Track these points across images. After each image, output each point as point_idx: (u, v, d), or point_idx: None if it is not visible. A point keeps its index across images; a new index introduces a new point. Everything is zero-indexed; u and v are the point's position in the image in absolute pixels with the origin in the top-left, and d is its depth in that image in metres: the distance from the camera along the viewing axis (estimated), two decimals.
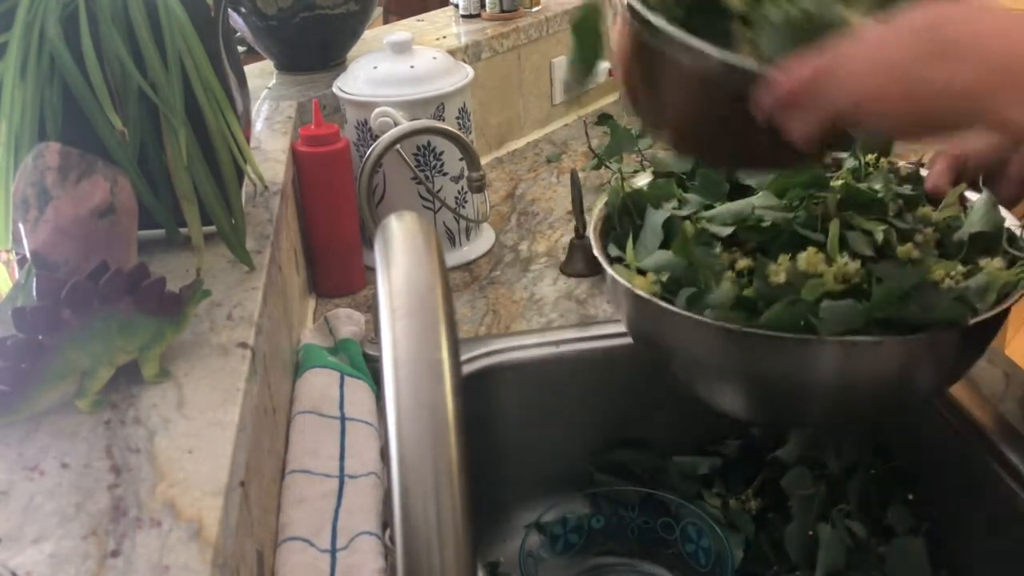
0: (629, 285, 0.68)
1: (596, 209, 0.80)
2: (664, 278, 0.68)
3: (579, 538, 0.90)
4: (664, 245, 0.73)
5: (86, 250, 0.61)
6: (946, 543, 0.81)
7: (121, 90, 0.69)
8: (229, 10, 0.93)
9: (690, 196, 0.79)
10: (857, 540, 0.80)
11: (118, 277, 0.57)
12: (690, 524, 0.87)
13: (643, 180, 0.83)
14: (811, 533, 0.81)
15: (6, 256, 0.71)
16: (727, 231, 0.71)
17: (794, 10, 0.55)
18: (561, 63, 1.52)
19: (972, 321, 0.60)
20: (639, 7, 0.58)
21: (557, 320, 0.98)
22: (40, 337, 0.55)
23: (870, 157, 0.79)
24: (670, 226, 0.74)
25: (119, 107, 0.68)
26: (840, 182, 0.74)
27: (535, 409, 0.96)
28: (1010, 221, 0.71)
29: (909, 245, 0.66)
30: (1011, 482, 0.74)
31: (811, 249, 0.64)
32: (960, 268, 0.65)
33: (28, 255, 0.61)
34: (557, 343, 0.94)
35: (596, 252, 0.75)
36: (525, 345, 0.94)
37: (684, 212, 0.76)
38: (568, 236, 1.10)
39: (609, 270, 0.71)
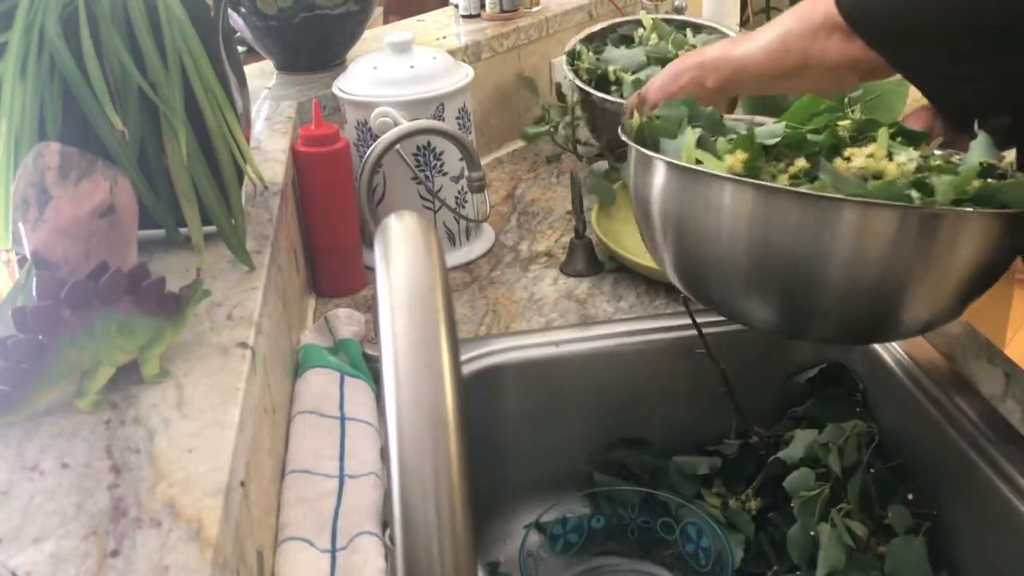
0: (709, 170, 0.67)
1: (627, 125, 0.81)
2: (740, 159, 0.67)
3: (579, 538, 0.90)
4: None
5: (86, 250, 0.61)
6: (946, 543, 0.81)
7: (121, 90, 0.69)
8: (229, 10, 0.93)
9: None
10: (857, 540, 0.80)
11: (118, 277, 0.57)
12: (690, 524, 0.87)
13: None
14: (812, 533, 0.81)
15: (6, 256, 0.71)
16: (773, 140, 0.70)
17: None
18: (560, 63, 1.52)
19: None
20: None
21: (557, 320, 0.98)
22: (40, 337, 0.55)
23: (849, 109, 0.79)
24: (709, 136, 0.73)
25: (119, 107, 0.68)
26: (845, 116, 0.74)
27: (535, 409, 0.96)
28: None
29: (941, 161, 0.68)
30: (1011, 482, 0.74)
31: (873, 145, 0.66)
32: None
33: (28, 255, 0.61)
34: (557, 343, 0.94)
35: (639, 151, 0.74)
36: (525, 345, 0.94)
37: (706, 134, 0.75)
38: (568, 236, 1.10)
39: (683, 161, 0.70)
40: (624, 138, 0.78)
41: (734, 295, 0.71)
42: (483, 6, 1.51)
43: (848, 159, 0.67)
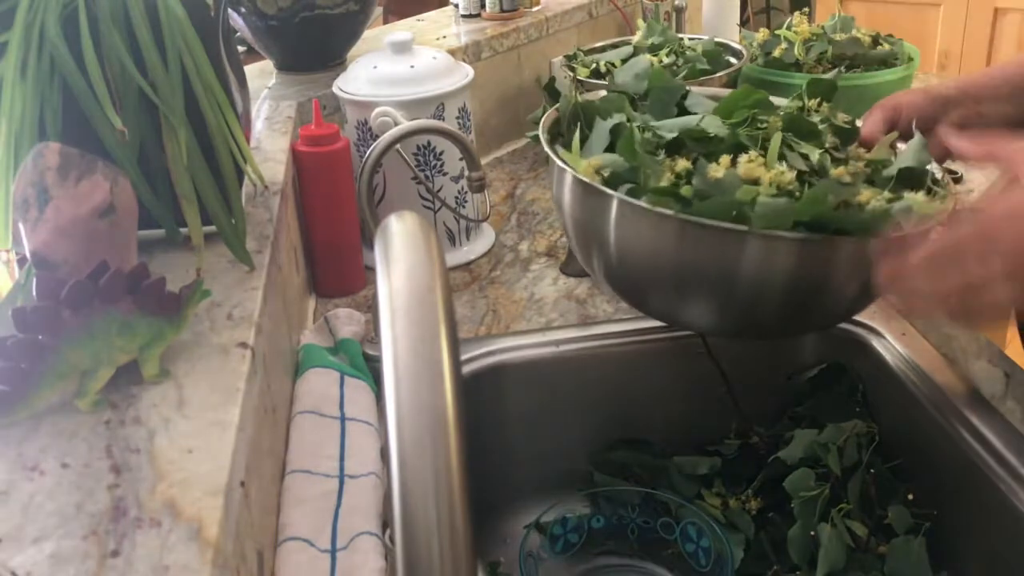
0: (571, 170, 0.71)
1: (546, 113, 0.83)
2: (606, 173, 0.71)
3: (579, 538, 0.90)
4: (610, 150, 0.75)
5: (86, 250, 0.61)
6: (946, 543, 0.81)
7: (121, 90, 0.69)
8: (229, 10, 0.93)
9: (639, 115, 0.82)
10: (857, 540, 0.80)
11: (118, 277, 0.57)
12: (690, 524, 0.87)
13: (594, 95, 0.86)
14: (812, 533, 0.81)
15: (6, 256, 0.71)
16: (672, 135, 0.74)
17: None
18: (560, 63, 1.52)
19: (893, 235, 0.64)
20: None
21: (557, 320, 0.98)
22: (40, 337, 0.55)
23: (812, 102, 0.84)
24: (617, 132, 0.76)
25: (119, 107, 0.68)
26: (784, 111, 0.79)
27: (535, 409, 0.96)
28: (935, 167, 0.76)
29: (842, 168, 0.71)
30: (1011, 482, 0.74)
31: (752, 153, 0.69)
32: (886, 194, 0.69)
33: (28, 255, 0.61)
34: (557, 343, 0.94)
35: (543, 141, 0.78)
36: (525, 345, 0.94)
37: (636, 120, 0.79)
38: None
39: (553, 156, 0.74)
40: (542, 126, 0.80)
41: (648, 300, 0.75)
42: (483, 6, 1.51)
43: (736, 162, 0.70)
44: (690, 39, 1.43)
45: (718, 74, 1.30)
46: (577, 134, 0.77)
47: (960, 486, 0.79)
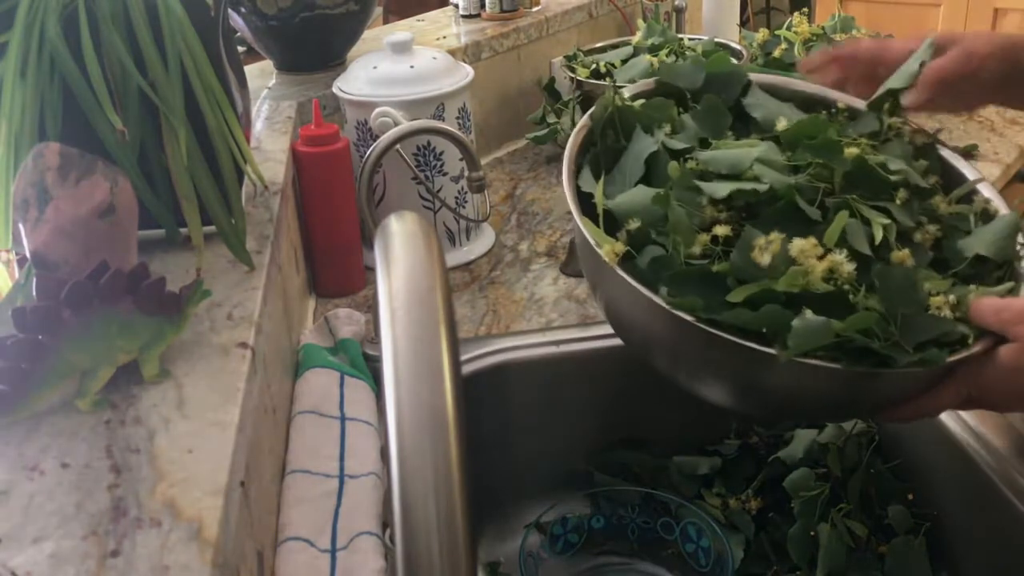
0: (594, 245, 0.62)
1: (579, 122, 0.72)
2: (634, 226, 0.62)
3: (579, 538, 0.90)
4: (644, 179, 0.66)
5: (86, 250, 0.61)
6: (946, 543, 0.81)
7: (121, 90, 0.69)
8: (229, 10, 0.93)
9: (687, 121, 0.71)
10: (857, 540, 0.80)
11: (118, 277, 0.57)
12: (690, 524, 0.87)
13: (638, 90, 0.75)
14: (812, 533, 0.81)
15: (6, 256, 0.71)
16: (721, 191, 0.62)
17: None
18: (560, 63, 1.52)
19: (949, 360, 0.57)
20: None
21: (557, 320, 0.98)
22: (40, 337, 0.55)
23: (893, 120, 0.72)
24: (655, 161, 0.67)
25: (119, 107, 0.68)
26: (854, 151, 0.66)
27: (535, 409, 0.96)
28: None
29: (905, 252, 0.61)
30: (1011, 482, 0.74)
31: (811, 240, 0.58)
32: (950, 296, 0.59)
33: (28, 255, 0.61)
34: (557, 343, 0.94)
35: (565, 180, 0.67)
36: (525, 345, 0.94)
37: (676, 145, 0.68)
38: (568, 236, 1.10)
39: (578, 220, 0.63)
40: (566, 161, 0.69)
41: (658, 371, 0.67)
42: (483, 6, 1.51)
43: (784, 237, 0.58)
44: (690, 39, 1.44)
45: None
46: (602, 181, 0.66)
47: (960, 486, 0.79)
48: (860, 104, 0.76)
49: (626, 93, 0.74)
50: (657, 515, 0.89)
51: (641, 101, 0.73)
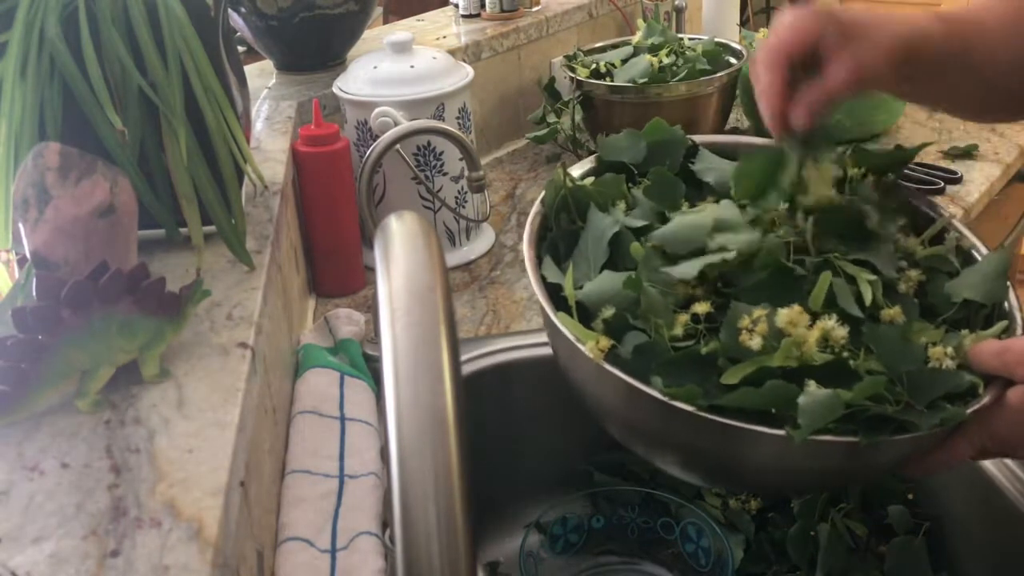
0: (576, 343, 0.58)
1: (531, 211, 0.69)
2: (608, 314, 0.59)
3: (579, 538, 0.90)
4: (609, 261, 0.64)
5: (86, 250, 0.61)
6: (946, 543, 0.81)
7: (121, 90, 0.69)
8: (229, 10, 0.93)
9: (639, 196, 0.69)
10: (857, 540, 0.80)
11: (118, 277, 0.57)
12: (690, 524, 0.87)
13: (584, 168, 0.73)
14: (812, 533, 0.81)
15: (6, 256, 0.71)
16: (686, 273, 0.59)
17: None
18: (560, 63, 1.52)
19: (968, 411, 0.54)
20: None
21: None
22: (40, 337, 0.55)
23: (854, 171, 0.68)
24: (618, 241, 0.64)
25: (119, 107, 0.68)
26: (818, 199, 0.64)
27: (535, 409, 0.96)
28: (1012, 299, 0.63)
29: (896, 309, 0.59)
30: (1011, 482, 0.74)
31: (796, 308, 0.55)
32: (946, 347, 0.57)
33: (28, 255, 0.61)
34: None
35: (531, 274, 0.63)
36: (525, 345, 0.94)
37: (635, 223, 0.66)
38: None
39: (553, 317, 0.60)
40: (526, 251, 0.65)
41: (654, 461, 0.65)
42: (483, 6, 1.51)
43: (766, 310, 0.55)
44: (690, 39, 1.44)
45: (718, 74, 1.30)
46: (570, 273, 0.62)
47: (960, 486, 0.79)
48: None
49: (573, 172, 0.71)
50: (657, 515, 0.89)
51: (590, 179, 0.71)
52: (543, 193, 0.69)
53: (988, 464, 0.76)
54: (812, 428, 0.51)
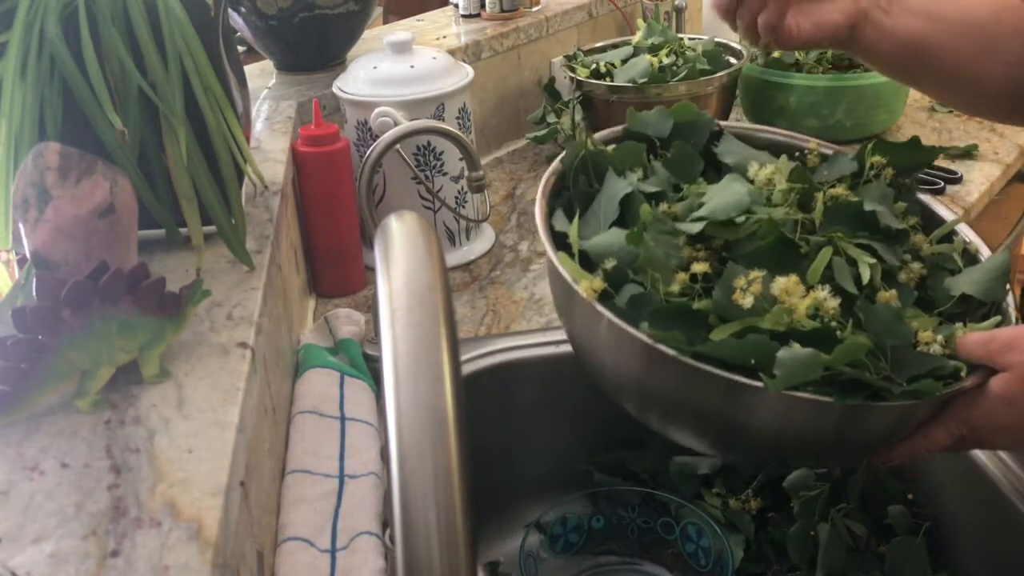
0: (571, 282, 0.60)
1: (550, 167, 0.71)
2: (610, 266, 0.61)
3: (579, 538, 0.90)
4: (619, 221, 0.65)
5: (86, 250, 0.61)
6: (946, 543, 0.81)
7: (121, 90, 0.69)
8: (229, 10, 0.93)
9: (658, 167, 0.71)
10: (857, 540, 0.80)
11: (118, 277, 0.57)
12: (690, 524, 0.87)
13: (606, 135, 0.75)
14: (812, 533, 0.81)
15: (6, 256, 0.71)
16: (695, 228, 0.62)
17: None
18: (560, 63, 1.52)
19: (943, 392, 0.55)
20: None
21: (557, 320, 0.98)
22: (40, 337, 0.55)
23: (875, 159, 0.70)
24: (629, 202, 0.66)
25: (119, 107, 0.68)
26: (835, 190, 0.67)
27: (535, 409, 0.96)
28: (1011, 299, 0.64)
29: (892, 292, 0.60)
30: (1011, 482, 0.74)
31: (793, 278, 0.57)
32: (936, 335, 0.58)
33: (28, 255, 0.61)
34: (557, 343, 0.94)
35: (538, 220, 0.65)
36: (525, 345, 0.94)
37: (649, 188, 0.68)
38: None
39: (552, 256, 0.62)
40: (539, 201, 0.67)
41: (637, 414, 0.66)
42: (483, 6, 1.51)
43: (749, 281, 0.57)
44: (690, 39, 1.44)
45: (718, 74, 1.30)
46: (576, 220, 0.65)
47: (960, 486, 0.79)
48: (831, 147, 0.75)
49: (596, 138, 0.73)
50: (657, 515, 0.89)
51: (612, 146, 0.72)
52: (563, 154, 0.71)
53: (988, 464, 0.76)
54: (788, 381, 0.52)
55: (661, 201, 0.67)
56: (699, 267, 0.59)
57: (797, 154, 0.74)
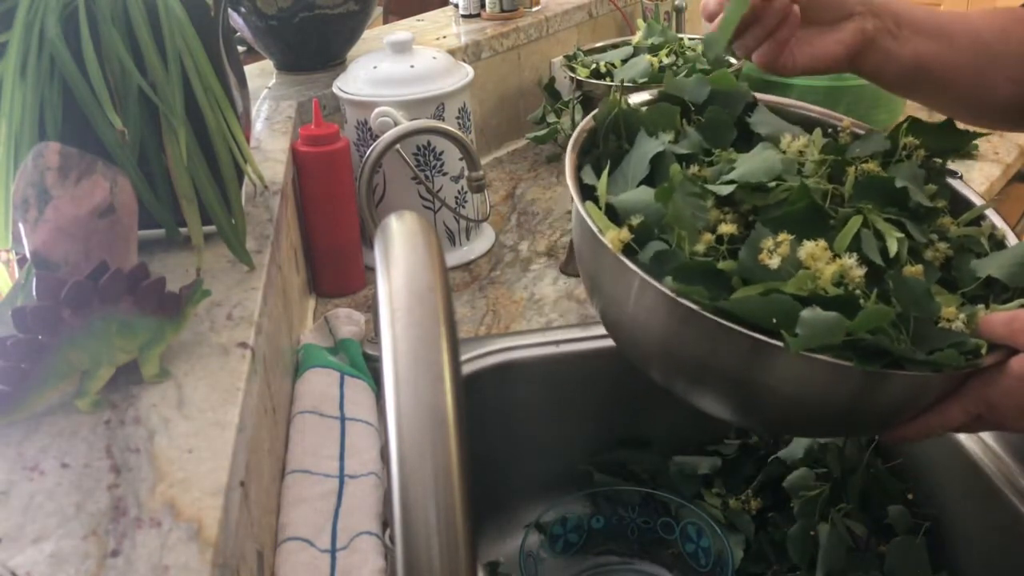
0: (597, 232, 0.60)
1: (581, 123, 0.71)
2: (636, 222, 0.60)
3: (579, 538, 0.90)
4: (648, 180, 0.65)
5: (86, 250, 0.61)
6: (946, 543, 0.81)
7: (121, 90, 0.69)
8: (229, 10, 0.93)
9: (691, 132, 0.71)
10: (857, 540, 0.80)
11: (118, 277, 0.57)
12: (690, 524, 0.87)
13: (641, 98, 0.75)
14: (812, 533, 0.81)
15: (6, 256, 0.71)
16: (726, 190, 0.62)
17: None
18: (560, 63, 1.52)
19: (964, 365, 0.55)
20: None
21: (557, 320, 0.98)
22: (40, 337, 0.55)
23: (909, 139, 0.70)
24: (659, 163, 0.66)
25: (119, 107, 0.68)
26: (867, 166, 0.67)
27: (535, 409, 0.96)
28: None
29: (919, 267, 0.61)
30: (1011, 482, 0.74)
31: (821, 243, 0.57)
32: (959, 312, 0.58)
33: (28, 255, 0.61)
34: (557, 343, 0.94)
35: (568, 173, 0.65)
36: (525, 345, 0.94)
37: (680, 150, 0.68)
38: (568, 236, 1.10)
39: (580, 207, 0.62)
40: (568, 154, 0.67)
41: (651, 374, 0.65)
42: (483, 6, 1.51)
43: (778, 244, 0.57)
44: (690, 39, 1.44)
45: None
46: (605, 173, 0.65)
47: (960, 486, 0.79)
48: (863, 127, 0.75)
49: (631, 100, 0.73)
50: (657, 515, 0.89)
51: (646, 108, 0.72)
52: (597, 109, 0.71)
53: (988, 464, 0.76)
54: (809, 342, 0.52)
55: (691, 164, 0.67)
56: (726, 228, 0.59)
57: (830, 131, 0.74)
